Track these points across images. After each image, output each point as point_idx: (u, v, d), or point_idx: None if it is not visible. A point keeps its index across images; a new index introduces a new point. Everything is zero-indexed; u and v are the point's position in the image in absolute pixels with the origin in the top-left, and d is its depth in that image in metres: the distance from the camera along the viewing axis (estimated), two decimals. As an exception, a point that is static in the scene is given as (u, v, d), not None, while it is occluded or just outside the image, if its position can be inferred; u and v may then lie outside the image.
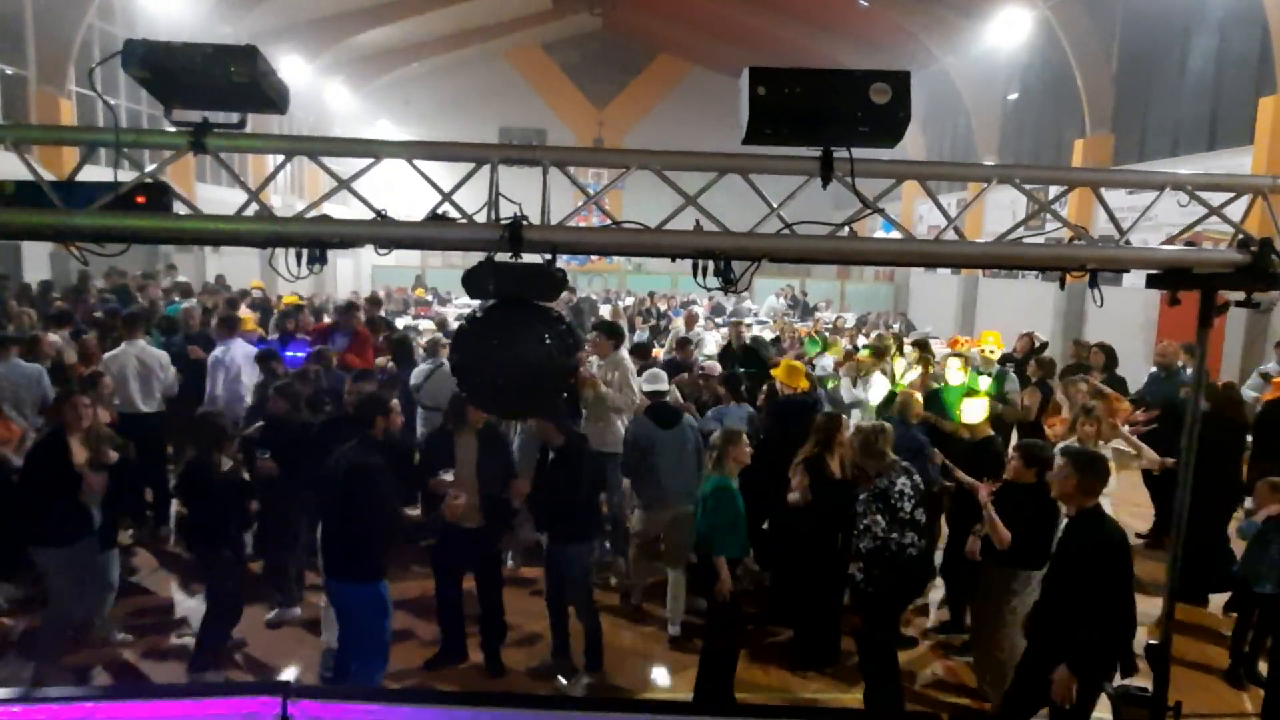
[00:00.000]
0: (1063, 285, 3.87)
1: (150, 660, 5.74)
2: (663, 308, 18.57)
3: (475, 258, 3.35)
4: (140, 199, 3.16)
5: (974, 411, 6.34)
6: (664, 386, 6.71)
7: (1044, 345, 10.56)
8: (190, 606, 6.44)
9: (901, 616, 5.10)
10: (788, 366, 7.08)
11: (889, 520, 4.80)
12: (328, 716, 1.62)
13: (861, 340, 13.30)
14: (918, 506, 4.83)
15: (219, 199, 18.32)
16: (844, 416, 6.57)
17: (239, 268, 19.88)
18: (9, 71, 15.32)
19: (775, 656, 5.98)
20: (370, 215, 3.30)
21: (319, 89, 24.82)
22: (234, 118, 3.30)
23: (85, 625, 5.72)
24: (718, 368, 8.39)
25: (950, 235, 3.58)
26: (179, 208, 3.29)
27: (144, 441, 7.43)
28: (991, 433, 6.39)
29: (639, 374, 7.06)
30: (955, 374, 7.64)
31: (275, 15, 19.82)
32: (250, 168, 19.82)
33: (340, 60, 24.65)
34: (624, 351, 7.54)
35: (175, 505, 7.59)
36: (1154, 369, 9.07)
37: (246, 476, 5.80)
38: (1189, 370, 8.05)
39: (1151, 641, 4.16)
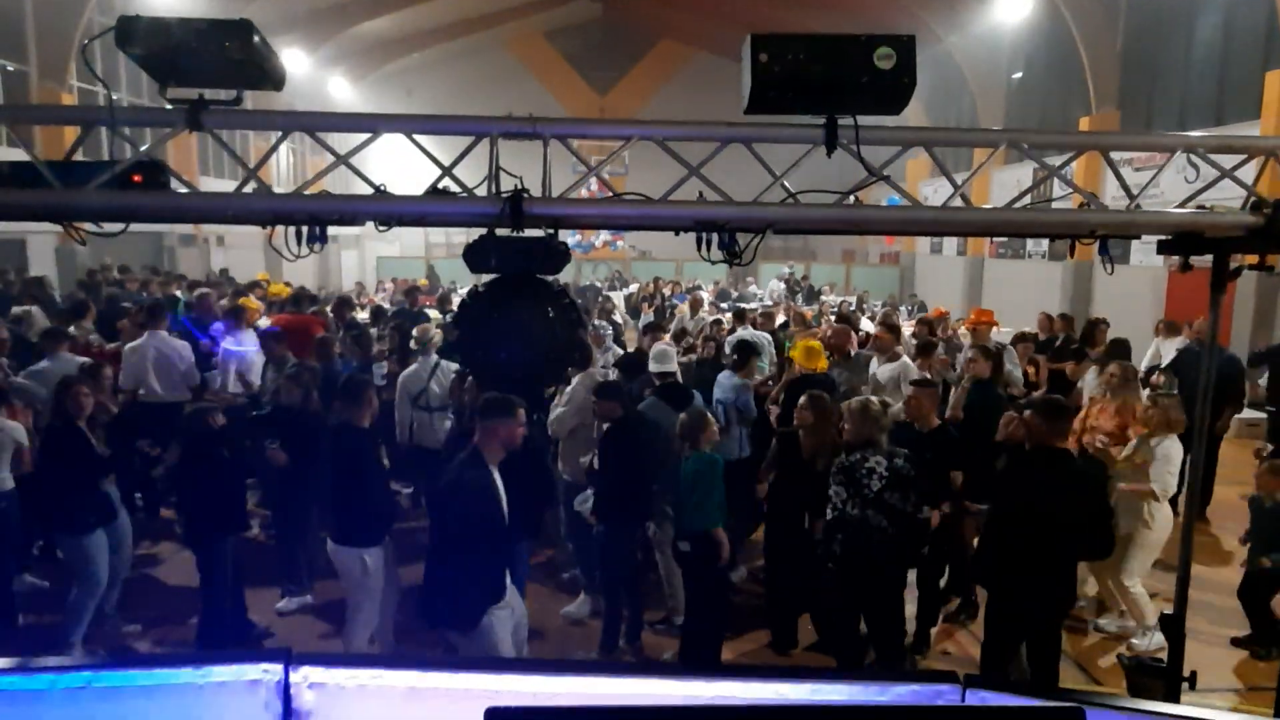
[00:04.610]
0: (1072, 253, 3.82)
1: (160, 649, 5.76)
2: (667, 293, 18.51)
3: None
4: (137, 178, 3.12)
5: None
6: (672, 367, 6.63)
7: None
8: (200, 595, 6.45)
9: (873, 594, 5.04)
10: (805, 348, 6.99)
11: (850, 493, 4.77)
12: (330, 682, 1.59)
13: (867, 321, 13.25)
14: (890, 489, 4.73)
15: (222, 190, 18.28)
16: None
17: (243, 261, 19.91)
18: (10, 68, 15.32)
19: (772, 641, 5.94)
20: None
21: (320, 81, 24.76)
22: (231, 96, 3.27)
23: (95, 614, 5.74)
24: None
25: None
26: (177, 187, 3.27)
27: (166, 431, 7.50)
28: None
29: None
30: None
31: (275, 6, 19.73)
32: (252, 153, 19.87)
33: (341, 51, 24.58)
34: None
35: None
36: (1183, 343, 9.02)
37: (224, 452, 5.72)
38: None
39: (1166, 611, 4.13)
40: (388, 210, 3.24)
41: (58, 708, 1.51)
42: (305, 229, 3.33)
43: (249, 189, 3.26)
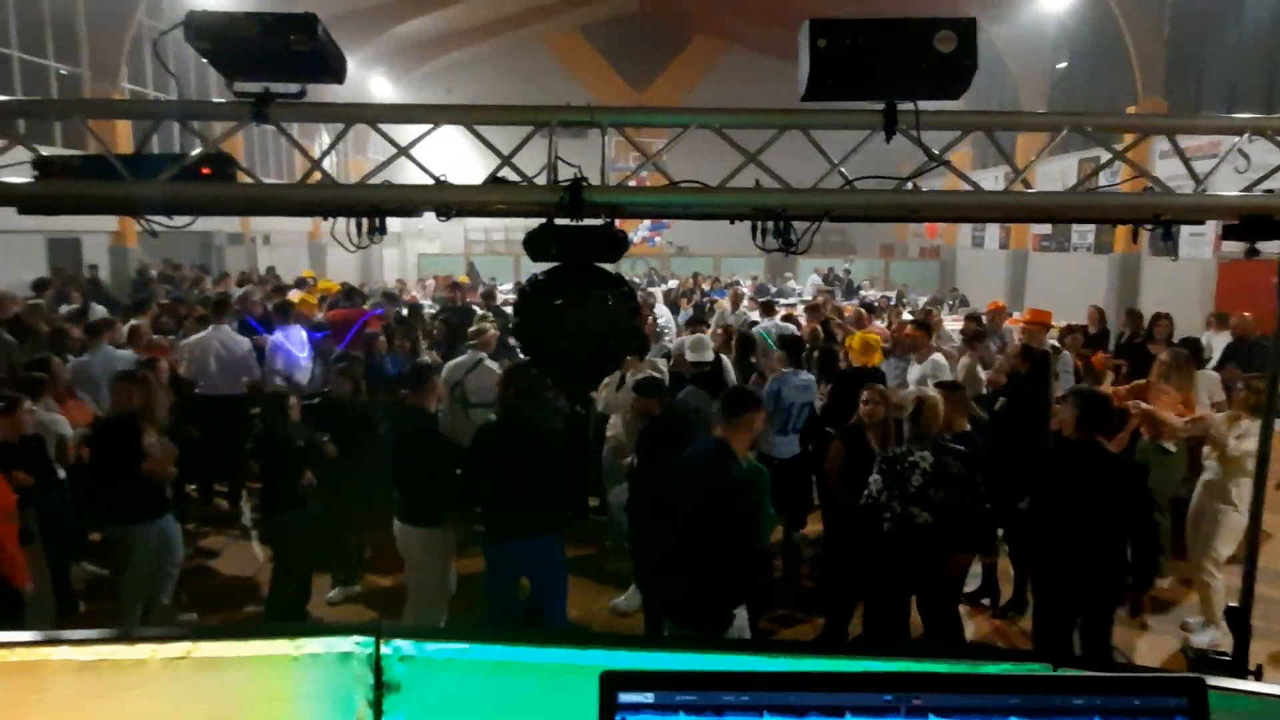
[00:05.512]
0: (1135, 238, 3.75)
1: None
2: (706, 288, 18.47)
3: (515, 241, 3.34)
4: (206, 170, 3.19)
5: None
6: (709, 356, 6.64)
7: None
8: (259, 584, 6.56)
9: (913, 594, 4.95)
10: (863, 341, 6.92)
11: (886, 484, 4.73)
12: (420, 655, 1.62)
13: (908, 316, 13.14)
14: (935, 485, 4.65)
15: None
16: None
17: (289, 260, 20.24)
18: (64, 71, 15.71)
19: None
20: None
21: (361, 81, 25.01)
22: (294, 89, 3.32)
23: (150, 605, 5.86)
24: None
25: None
26: (241, 179, 3.33)
27: (225, 423, 7.68)
28: None
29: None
30: None
31: (318, 7, 19.94)
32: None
33: (381, 52, 24.82)
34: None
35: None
36: (1227, 340, 8.89)
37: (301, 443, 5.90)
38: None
39: (1232, 604, 4.05)
40: (447, 199, 3.27)
41: (158, 676, 1.56)
42: (365, 221, 3.39)
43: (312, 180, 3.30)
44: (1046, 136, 3.64)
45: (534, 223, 3.37)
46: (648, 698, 1.17)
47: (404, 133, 3.46)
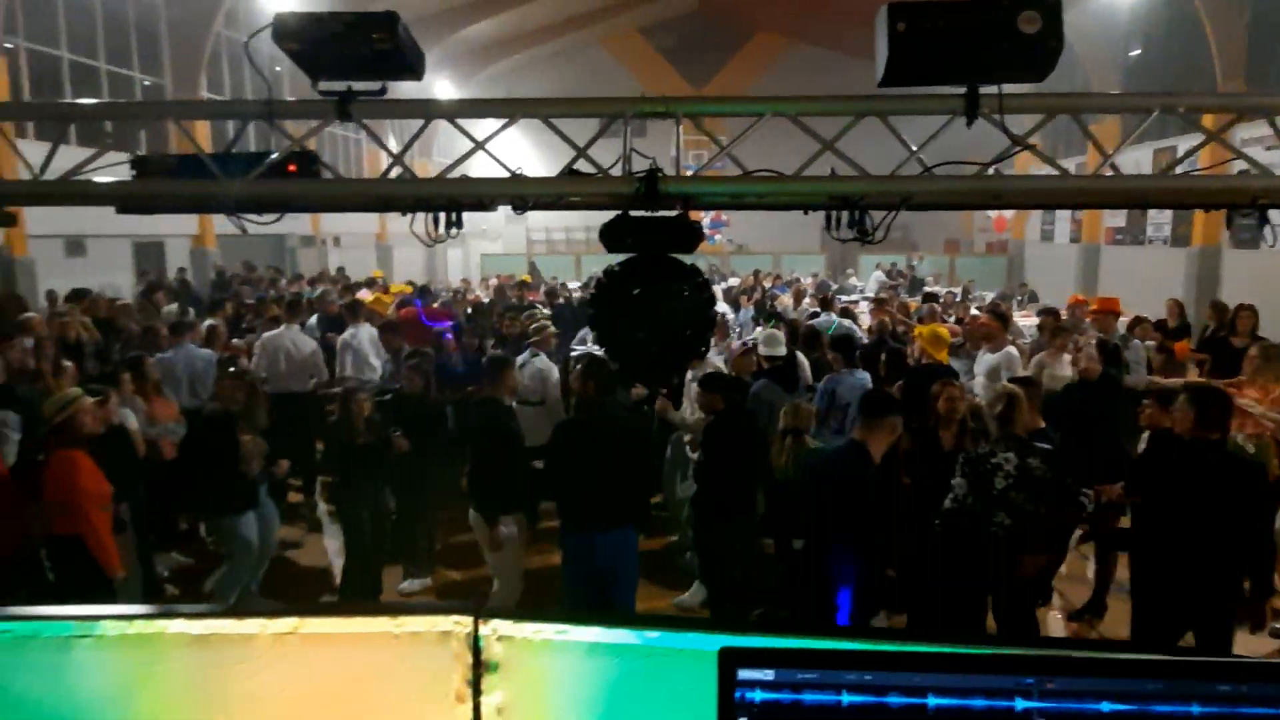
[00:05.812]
0: (1229, 224, 3.61)
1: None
2: (768, 285, 18.34)
3: (575, 240, 3.36)
4: (292, 167, 3.28)
5: None
6: (782, 351, 6.61)
7: None
8: (332, 575, 6.71)
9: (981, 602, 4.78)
10: (933, 334, 6.79)
11: (972, 485, 4.57)
12: (518, 635, 1.63)
13: (975, 312, 12.85)
14: (1017, 488, 4.50)
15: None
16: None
17: (358, 261, 20.70)
18: (147, 82, 16.33)
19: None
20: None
21: (426, 86, 25.41)
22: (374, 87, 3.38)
23: (242, 592, 6.04)
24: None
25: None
26: (325, 175, 3.41)
27: (295, 420, 7.88)
28: None
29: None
30: None
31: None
32: (365, 153, 20.58)
33: (446, 56, 25.21)
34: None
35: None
36: None
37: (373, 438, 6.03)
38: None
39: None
40: (524, 192, 3.31)
41: (268, 650, 1.61)
42: (441, 216, 3.44)
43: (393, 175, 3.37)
44: (1121, 127, 3.53)
45: (598, 220, 3.38)
46: (768, 675, 1.16)
47: (474, 132, 3.50)
